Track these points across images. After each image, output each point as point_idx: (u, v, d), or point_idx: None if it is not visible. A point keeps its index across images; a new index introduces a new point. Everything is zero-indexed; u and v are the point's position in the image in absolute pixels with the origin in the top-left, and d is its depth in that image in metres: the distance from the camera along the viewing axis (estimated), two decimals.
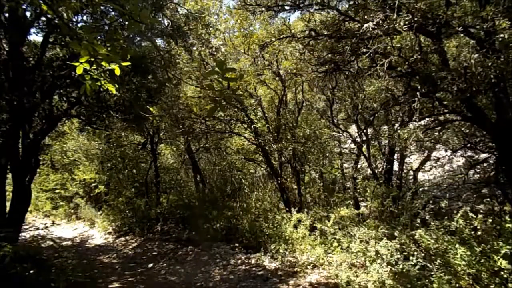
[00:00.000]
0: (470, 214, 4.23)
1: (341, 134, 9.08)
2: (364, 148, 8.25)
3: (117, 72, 2.20)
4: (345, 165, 10.34)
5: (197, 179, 11.22)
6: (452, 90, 4.45)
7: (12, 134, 6.06)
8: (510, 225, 3.87)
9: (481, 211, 4.33)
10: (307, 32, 5.86)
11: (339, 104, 9.39)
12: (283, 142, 8.39)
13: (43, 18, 6.19)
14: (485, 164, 6.89)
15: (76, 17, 5.96)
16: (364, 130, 8.27)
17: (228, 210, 8.75)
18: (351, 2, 5.39)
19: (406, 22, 4.07)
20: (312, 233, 6.76)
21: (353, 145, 9.50)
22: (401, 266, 4.45)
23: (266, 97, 9.39)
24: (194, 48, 7.84)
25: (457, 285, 3.87)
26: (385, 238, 5.13)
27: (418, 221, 4.93)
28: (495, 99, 4.81)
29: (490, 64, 3.86)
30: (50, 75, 6.57)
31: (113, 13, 5.54)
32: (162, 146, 12.52)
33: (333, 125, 8.94)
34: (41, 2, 2.27)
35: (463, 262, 3.86)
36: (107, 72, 2.28)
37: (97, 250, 9.35)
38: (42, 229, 7.11)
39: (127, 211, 10.66)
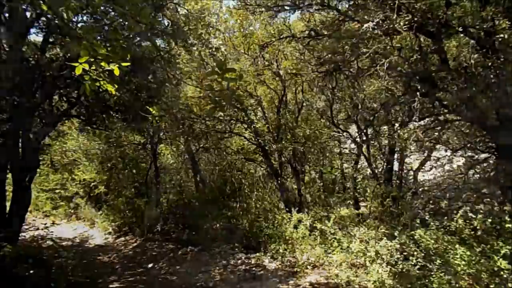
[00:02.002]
0: (470, 214, 4.24)
1: (341, 134, 9.08)
2: (364, 148, 8.25)
3: (116, 72, 2.20)
4: (345, 165, 10.34)
5: (197, 179, 11.21)
6: (452, 90, 4.45)
7: (12, 134, 6.06)
8: (510, 225, 3.87)
9: (481, 211, 4.32)
10: (307, 32, 5.85)
11: (339, 104, 9.38)
12: (283, 142, 8.39)
13: (43, 18, 6.19)
14: (485, 164, 6.88)
15: (76, 17, 5.95)
16: (364, 130, 8.27)
17: (228, 210, 8.74)
18: (351, 2, 5.39)
19: (406, 22, 4.07)
20: (312, 233, 6.76)
21: (353, 145, 9.49)
22: (401, 266, 4.46)
23: (266, 97, 9.38)
24: (194, 48, 7.82)
25: (457, 285, 3.86)
26: (385, 238, 5.13)
27: (418, 221, 4.93)
28: (495, 99, 4.80)
29: (490, 64, 3.86)
30: (50, 75, 6.57)
31: (113, 13, 5.54)
32: (162, 146, 12.50)
33: (333, 125, 8.93)
34: (41, 2, 2.27)
35: (463, 262, 3.86)
36: (107, 72, 2.28)
37: (97, 250, 9.34)
38: (42, 229, 7.11)
39: (127, 211, 10.65)
